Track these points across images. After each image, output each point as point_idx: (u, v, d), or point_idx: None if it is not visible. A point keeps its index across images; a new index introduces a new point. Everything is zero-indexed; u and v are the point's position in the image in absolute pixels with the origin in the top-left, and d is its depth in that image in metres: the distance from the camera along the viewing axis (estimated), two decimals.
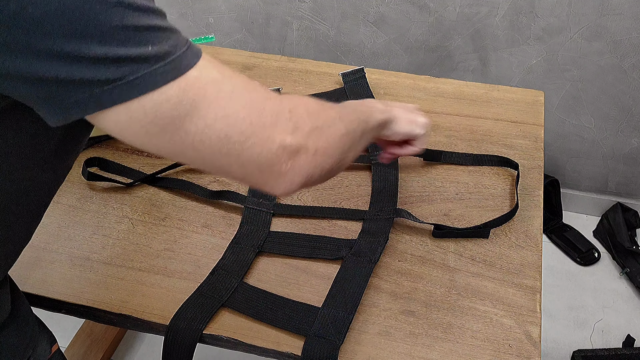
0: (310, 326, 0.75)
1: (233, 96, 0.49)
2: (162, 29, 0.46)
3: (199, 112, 0.47)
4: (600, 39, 1.52)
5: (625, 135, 1.71)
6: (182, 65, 0.46)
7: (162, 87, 0.45)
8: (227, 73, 0.50)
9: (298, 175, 0.54)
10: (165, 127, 0.47)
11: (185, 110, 0.47)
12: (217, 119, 0.48)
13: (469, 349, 0.74)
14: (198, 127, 0.48)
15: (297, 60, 1.21)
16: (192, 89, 0.47)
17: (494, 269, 0.82)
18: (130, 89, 0.44)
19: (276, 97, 0.53)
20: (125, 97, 0.44)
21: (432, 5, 1.56)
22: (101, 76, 0.43)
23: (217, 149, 0.49)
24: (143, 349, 1.59)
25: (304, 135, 0.53)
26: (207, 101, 0.47)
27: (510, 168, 0.96)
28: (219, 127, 0.48)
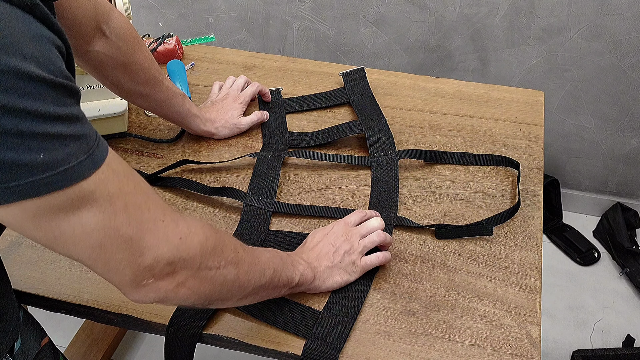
0: (311, 328, 0.75)
1: (123, 213, 0.49)
2: (62, 137, 0.44)
3: (81, 219, 0.47)
4: (600, 39, 1.52)
5: (625, 135, 1.71)
6: (72, 176, 0.45)
7: (45, 195, 0.44)
8: (126, 187, 0.50)
9: (153, 293, 0.54)
10: (41, 227, 0.47)
11: (67, 215, 0.46)
12: (97, 229, 0.48)
13: (469, 349, 0.74)
14: (75, 231, 0.48)
15: (297, 60, 1.21)
16: (82, 198, 0.46)
17: (494, 269, 0.82)
18: (10, 194, 0.43)
19: (173, 220, 0.53)
20: (6, 200, 0.43)
21: (432, 5, 1.56)
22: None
23: (85, 252, 0.49)
24: (143, 349, 1.59)
25: (181, 267, 0.54)
26: (93, 212, 0.47)
27: (511, 168, 0.96)
28: (96, 237, 0.48)
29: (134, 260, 0.51)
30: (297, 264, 0.74)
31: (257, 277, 0.64)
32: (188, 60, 1.21)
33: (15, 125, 0.41)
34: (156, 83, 0.91)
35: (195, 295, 0.57)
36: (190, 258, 0.55)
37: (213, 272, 0.58)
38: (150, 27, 1.83)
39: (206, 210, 0.91)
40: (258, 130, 1.05)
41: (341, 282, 0.78)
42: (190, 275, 0.55)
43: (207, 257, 0.56)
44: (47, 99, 0.43)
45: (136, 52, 0.86)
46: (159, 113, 0.96)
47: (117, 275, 0.52)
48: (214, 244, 0.57)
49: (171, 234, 0.53)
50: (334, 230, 0.80)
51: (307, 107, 1.09)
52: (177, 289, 0.55)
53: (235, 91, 1.06)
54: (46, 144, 0.43)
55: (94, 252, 0.50)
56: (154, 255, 0.52)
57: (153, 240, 0.52)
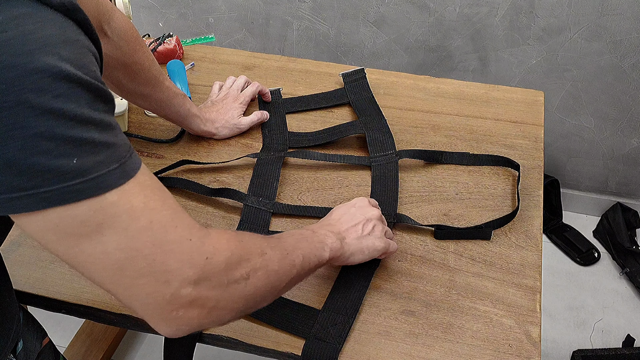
0: (310, 328, 0.75)
1: (146, 231, 0.46)
2: (94, 143, 0.43)
3: (101, 238, 0.44)
4: (600, 39, 1.52)
5: (625, 135, 1.71)
6: (102, 185, 0.43)
7: (72, 204, 0.42)
8: (152, 203, 0.47)
9: (186, 325, 0.50)
10: (62, 240, 0.44)
11: (88, 231, 0.44)
12: (118, 248, 0.45)
13: (469, 349, 0.74)
14: (95, 250, 0.45)
15: (297, 60, 1.21)
16: (103, 213, 0.44)
17: (494, 269, 0.82)
18: (38, 201, 0.41)
19: (199, 238, 0.50)
20: (30, 208, 0.42)
21: (432, 5, 1.56)
22: (10, 182, 0.40)
23: (105, 274, 0.46)
24: (143, 349, 1.59)
25: (209, 288, 0.50)
26: (113, 230, 0.44)
27: (511, 168, 0.96)
28: (116, 257, 0.45)
29: (157, 288, 0.47)
30: (325, 238, 0.70)
31: (287, 270, 0.61)
32: (188, 60, 1.21)
33: (48, 128, 0.40)
34: (157, 83, 0.91)
35: (231, 313, 0.54)
36: (216, 276, 0.51)
37: (242, 284, 0.54)
38: (150, 27, 1.83)
39: (206, 210, 0.91)
40: (258, 130, 1.05)
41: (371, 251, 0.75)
42: (220, 295, 0.51)
43: (233, 271, 0.52)
44: (81, 101, 0.42)
45: (137, 52, 0.86)
46: (160, 113, 0.96)
47: (142, 304, 0.48)
48: (239, 256, 0.54)
49: (196, 254, 0.49)
50: (359, 203, 0.79)
51: (307, 107, 1.09)
52: (210, 314, 0.51)
53: (235, 91, 1.06)
54: (78, 149, 0.42)
55: (114, 275, 0.46)
56: (179, 281, 0.48)
57: (177, 264, 0.48)
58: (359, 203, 0.79)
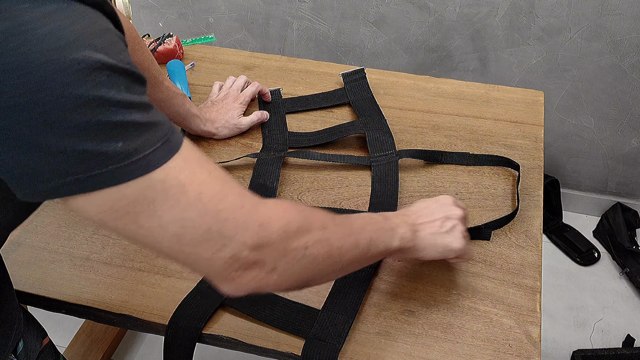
0: (310, 328, 0.75)
1: (197, 204, 0.48)
2: (138, 124, 0.45)
3: (155, 213, 0.47)
4: (600, 39, 1.52)
5: (625, 136, 1.71)
6: (149, 164, 0.45)
7: (123, 184, 0.44)
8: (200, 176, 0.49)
9: (245, 286, 0.52)
10: (119, 218, 0.47)
11: (142, 208, 0.46)
12: (171, 221, 0.47)
13: (469, 349, 0.74)
14: (151, 224, 0.47)
15: (297, 60, 1.21)
16: (153, 190, 0.46)
17: (494, 269, 0.82)
18: (90, 183, 0.44)
19: (252, 205, 0.51)
20: (84, 190, 0.44)
21: (432, 5, 1.56)
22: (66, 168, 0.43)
23: (165, 245, 0.49)
24: (143, 349, 1.59)
25: (265, 254, 0.52)
26: (166, 205, 0.47)
27: (511, 168, 0.96)
28: (172, 229, 0.48)
29: (215, 253, 0.50)
30: (397, 227, 0.68)
31: (350, 249, 0.60)
32: (188, 60, 1.21)
33: (93, 116, 0.42)
34: (156, 83, 0.91)
35: (289, 279, 0.55)
36: (273, 243, 0.52)
37: (301, 254, 0.54)
38: (150, 27, 1.83)
39: None
40: (258, 130, 1.05)
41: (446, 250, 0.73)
42: (278, 261, 0.53)
43: (291, 240, 0.53)
44: (120, 87, 0.44)
45: (136, 52, 0.86)
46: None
47: (203, 269, 0.51)
48: (297, 226, 0.54)
49: (250, 221, 0.50)
50: (442, 200, 0.76)
51: (307, 107, 1.09)
52: (268, 276, 0.53)
53: (235, 91, 1.06)
54: (124, 132, 0.44)
55: (173, 245, 0.49)
56: (235, 246, 0.50)
57: (232, 230, 0.49)
58: (443, 200, 0.76)
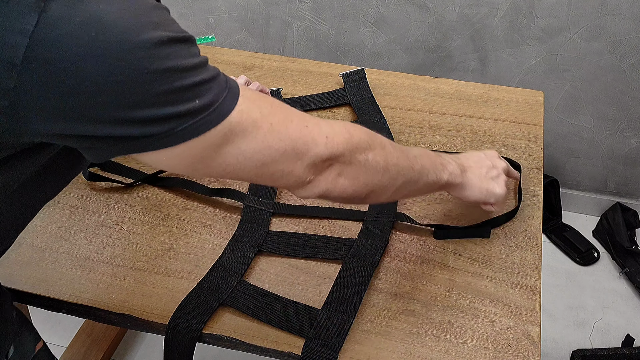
0: (310, 328, 0.75)
1: (271, 132, 0.55)
2: (206, 81, 0.50)
3: (239, 148, 0.54)
4: (599, 39, 1.52)
5: (625, 136, 1.71)
6: (224, 111, 0.51)
7: (206, 132, 0.50)
8: (265, 110, 0.55)
9: (317, 188, 0.61)
10: (206, 161, 0.53)
11: (227, 148, 0.53)
12: (255, 152, 0.55)
13: (469, 348, 0.74)
14: (238, 159, 0.54)
15: (297, 60, 1.21)
16: (233, 131, 0.52)
17: (494, 269, 0.82)
18: (176, 139, 0.49)
19: (315, 124, 0.59)
20: (170, 144, 0.50)
21: (432, 6, 1.56)
22: (150, 132, 0.48)
23: (252, 172, 0.56)
24: (143, 349, 1.59)
25: (332, 160, 0.60)
26: (247, 139, 0.54)
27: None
28: (257, 158, 0.55)
29: (294, 167, 0.57)
30: (447, 164, 0.75)
31: (406, 169, 0.67)
32: None
33: (169, 84, 0.47)
34: None
35: (354, 184, 0.63)
36: (340, 152, 0.60)
37: (364, 161, 0.62)
38: None
39: (206, 210, 0.91)
40: None
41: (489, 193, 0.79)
42: (345, 166, 0.61)
43: (355, 150, 0.61)
44: (184, 54, 0.48)
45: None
46: None
47: (284, 182, 0.59)
48: (359, 139, 0.62)
49: (317, 135, 0.58)
50: (489, 152, 0.84)
51: (307, 107, 1.09)
52: (336, 179, 0.61)
53: None
54: (197, 91, 0.49)
55: (260, 170, 0.56)
56: (309, 157, 0.58)
57: (304, 146, 0.57)
58: (490, 152, 0.84)
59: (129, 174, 0.96)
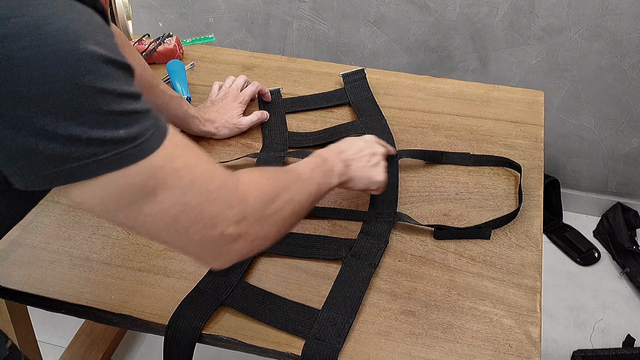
0: (310, 328, 0.75)
1: (192, 186, 0.53)
2: (135, 112, 0.49)
3: (157, 198, 0.51)
4: (600, 39, 1.52)
5: (625, 135, 1.71)
6: (147, 149, 0.49)
7: (126, 167, 0.48)
8: (190, 160, 0.53)
9: (233, 258, 0.59)
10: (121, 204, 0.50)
11: (145, 195, 0.51)
12: (172, 205, 0.52)
13: (469, 349, 0.74)
14: (153, 210, 0.52)
15: (297, 60, 1.20)
16: (154, 176, 0.50)
17: (494, 269, 0.82)
18: (96, 167, 0.47)
19: (232, 183, 0.57)
20: (90, 173, 0.47)
21: (432, 5, 1.56)
22: (71, 153, 0.46)
23: (165, 229, 0.53)
24: (143, 349, 1.59)
25: (247, 225, 0.58)
26: (166, 190, 0.51)
27: (513, 169, 0.96)
28: (172, 212, 0.52)
29: (207, 231, 0.55)
30: (334, 166, 0.77)
31: (307, 199, 0.68)
32: (188, 60, 1.21)
33: (99, 105, 0.46)
34: (151, 88, 0.90)
35: (267, 241, 0.62)
36: (252, 213, 0.58)
37: (275, 216, 0.62)
38: (150, 27, 1.83)
39: None
40: (258, 130, 1.05)
41: (371, 181, 0.82)
42: (259, 229, 0.59)
43: (266, 207, 0.60)
44: (120, 79, 0.48)
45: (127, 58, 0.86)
46: None
47: (195, 248, 0.56)
48: (270, 194, 0.61)
49: (233, 197, 0.56)
50: (368, 138, 0.86)
51: (307, 107, 1.09)
52: (252, 243, 0.59)
53: (235, 91, 1.06)
54: (126, 119, 0.48)
55: (172, 228, 0.53)
56: (224, 222, 0.55)
57: (220, 209, 0.55)
58: (368, 138, 0.86)
59: None
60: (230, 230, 0.56)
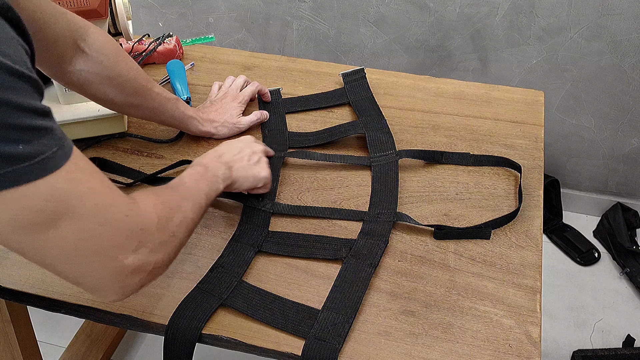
0: (310, 328, 0.75)
1: (95, 214, 0.51)
2: (37, 128, 0.47)
3: (56, 224, 0.49)
4: (600, 39, 1.52)
5: (625, 135, 1.71)
6: (47, 167, 0.47)
7: (23, 186, 0.46)
8: (94, 186, 0.52)
9: (131, 289, 0.57)
10: (18, 228, 0.48)
11: (44, 219, 0.48)
12: (72, 232, 0.50)
13: (469, 349, 0.74)
14: (51, 236, 0.49)
15: (297, 60, 1.20)
16: (55, 200, 0.48)
17: (494, 269, 0.82)
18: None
19: (135, 212, 0.56)
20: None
21: (432, 5, 1.56)
22: None
23: (62, 258, 0.51)
24: (143, 349, 1.59)
25: (147, 253, 0.57)
26: (67, 216, 0.49)
27: (513, 169, 0.96)
28: (72, 240, 0.50)
29: (107, 262, 0.53)
30: (217, 171, 0.78)
31: (199, 213, 0.70)
32: (188, 60, 1.21)
33: (1, 118, 0.44)
34: (146, 92, 0.90)
35: (166, 267, 0.62)
36: (150, 241, 0.57)
37: (173, 240, 0.62)
38: (150, 27, 1.83)
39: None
40: (258, 130, 1.05)
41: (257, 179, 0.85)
42: (157, 257, 0.59)
43: (163, 232, 0.60)
44: (24, 92, 0.46)
45: (119, 64, 0.86)
46: (155, 120, 0.97)
47: (93, 279, 0.54)
48: (165, 218, 0.61)
49: (134, 226, 0.55)
50: (244, 139, 0.89)
51: (307, 107, 1.09)
52: (151, 274, 0.58)
53: (234, 90, 1.06)
54: (25, 135, 0.46)
55: (70, 256, 0.51)
56: (123, 253, 0.54)
57: (120, 238, 0.54)
58: (245, 138, 0.89)
59: (129, 174, 0.96)
60: (130, 260, 0.55)
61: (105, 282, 0.55)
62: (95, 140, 1.02)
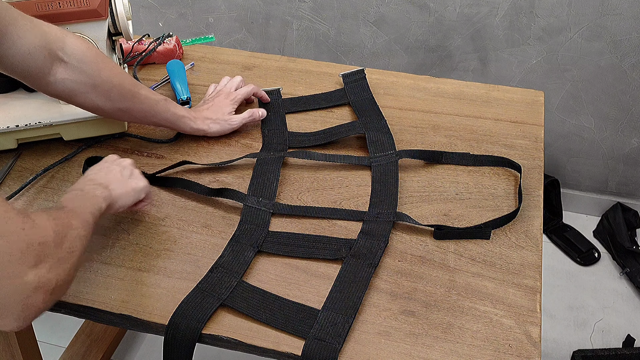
0: (310, 328, 0.75)
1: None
2: None
3: None
4: (600, 39, 1.52)
5: (625, 135, 1.71)
6: None
7: None
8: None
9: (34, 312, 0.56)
10: None
11: None
12: None
13: (469, 349, 0.74)
14: None
15: (297, 60, 1.20)
16: None
17: (494, 269, 0.82)
18: None
19: (30, 225, 0.55)
20: None
21: (432, 5, 1.56)
22: None
23: None
24: (143, 349, 1.59)
25: (47, 269, 0.56)
26: None
27: (513, 169, 0.96)
28: None
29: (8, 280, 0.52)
30: (95, 191, 0.76)
31: (88, 230, 0.69)
32: (188, 60, 1.21)
33: None
34: (133, 96, 0.90)
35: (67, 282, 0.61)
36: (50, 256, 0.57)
37: (69, 256, 0.61)
38: (150, 27, 1.83)
39: (206, 210, 0.91)
40: (258, 130, 1.05)
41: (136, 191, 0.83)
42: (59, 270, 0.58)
43: (60, 247, 0.59)
44: None
45: (103, 70, 0.85)
46: (147, 123, 0.97)
47: None
48: (60, 233, 0.60)
49: (31, 239, 0.54)
50: (109, 158, 0.86)
51: (307, 107, 1.09)
52: (54, 293, 0.57)
53: (228, 89, 1.06)
54: None
55: None
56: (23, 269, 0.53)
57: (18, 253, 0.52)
58: (108, 158, 0.86)
59: None
60: (31, 277, 0.53)
61: (6, 302, 0.52)
62: (95, 140, 1.02)
